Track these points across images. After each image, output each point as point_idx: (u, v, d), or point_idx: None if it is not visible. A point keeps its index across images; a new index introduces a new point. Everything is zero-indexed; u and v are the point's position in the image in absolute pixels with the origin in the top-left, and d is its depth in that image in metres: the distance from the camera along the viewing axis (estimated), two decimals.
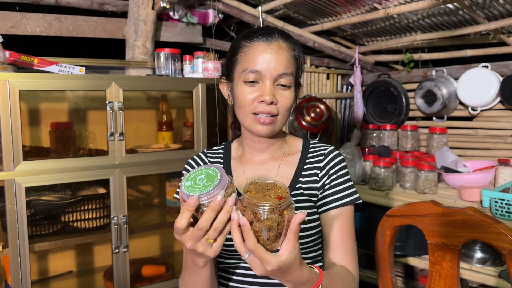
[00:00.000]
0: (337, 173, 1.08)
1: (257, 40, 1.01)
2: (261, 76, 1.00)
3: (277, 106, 1.01)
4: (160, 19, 2.20)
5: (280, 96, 1.01)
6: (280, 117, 1.02)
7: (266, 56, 0.99)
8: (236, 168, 1.13)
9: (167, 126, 2.09)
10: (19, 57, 1.65)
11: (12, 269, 1.56)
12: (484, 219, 1.03)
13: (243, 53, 1.02)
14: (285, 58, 1.00)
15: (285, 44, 1.02)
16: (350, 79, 2.78)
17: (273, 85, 1.00)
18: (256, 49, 1.00)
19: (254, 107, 1.00)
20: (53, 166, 1.62)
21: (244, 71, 1.00)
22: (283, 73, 0.99)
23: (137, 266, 1.98)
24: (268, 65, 0.99)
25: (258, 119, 1.01)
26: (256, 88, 1.00)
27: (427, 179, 2.04)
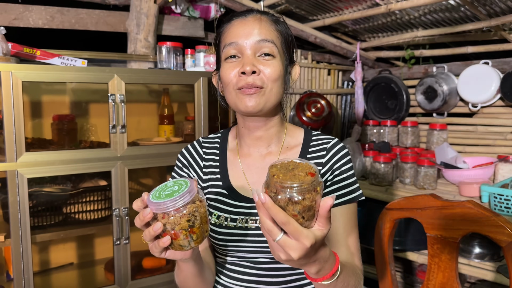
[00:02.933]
0: (341, 169, 1.02)
1: (234, 19, 0.98)
2: (240, 48, 0.95)
3: (261, 77, 0.94)
4: (162, 12, 2.21)
5: (263, 65, 0.94)
6: (267, 90, 0.95)
7: (243, 27, 0.96)
8: (232, 161, 1.08)
9: (169, 120, 2.10)
10: (21, 49, 1.65)
11: (14, 260, 1.57)
12: (483, 212, 1.05)
13: (223, 36, 0.99)
14: (264, 27, 0.96)
15: (263, 16, 0.98)
16: (351, 75, 2.78)
17: (254, 56, 0.95)
18: (232, 25, 0.98)
19: (237, 81, 0.95)
20: (55, 158, 1.63)
21: (224, 48, 0.97)
22: (262, 39, 0.94)
23: (138, 258, 1.99)
24: (246, 35, 0.95)
25: (244, 91, 0.94)
26: (237, 62, 0.96)
27: (427, 175, 2.05)
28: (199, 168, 1.08)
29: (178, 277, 0.97)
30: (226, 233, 0.99)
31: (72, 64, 1.74)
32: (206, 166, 1.08)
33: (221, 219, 1.01)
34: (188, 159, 1.10)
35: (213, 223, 1.01)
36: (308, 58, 2.71)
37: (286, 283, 1.01)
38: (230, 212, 1.01)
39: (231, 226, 0.99)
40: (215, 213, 1.02)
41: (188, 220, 0.72)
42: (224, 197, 1.03)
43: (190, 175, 1.08)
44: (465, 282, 2.09)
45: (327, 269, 0.74)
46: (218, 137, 1.13)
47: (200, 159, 1.10)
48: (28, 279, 1.58)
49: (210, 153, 1.10)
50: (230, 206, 1.01)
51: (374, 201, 2.10)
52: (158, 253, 0.76)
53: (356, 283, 0.88)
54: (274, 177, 0.67)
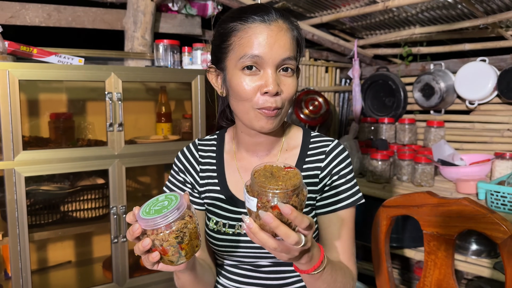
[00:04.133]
0: (340, 173, 0.99)
1: (252, 21, 0.88)
2: (262, 63, 0.87)
3: (282, 97, 0.89)
4: (159, 10, 2.20)
5: (284, 85, 0.89)
6: (283, 110, 0.92)
7: (267, 39, 0.86)
8: (230, 164, 1.04)
9: (166, 118, 2.09)
10: (18, 47, 1.65)
11: (12, 258, 1.57)
12: (479, 209, 1.05)
13: (237, 37, 0.88)
14: (287, 40, 0.88)
15: (284, 24, 0.89)
16: (349, 73, 2.78)
17: (276, 73, 0.88)
18: (253, 31, 0.87)
19: (257, 101, 0.88)
20: (53, 156, 1.63)
21: (241, 58, 0.87)
22: (286, 57, 0.88)
23: (136, 256, 1.99)
24: (270, 49, 0.86)
25: (263, 113, 0.89)
26: (258, 77, 0.88)
27: (424, 172, 2.06)
28: (196, 173, 1.05)
29: (177, 282, 0.96)
30: (224, 239, 0.98)
31: (69, 62, 1.74)
32: (203, 170, 1.05)
33: (219, 225, 0.99)
34: (184, 164, 1.06)
35: (211, 228, 1.00)
36: (305, 56, 2.71)
37: (286, 285, 1.00)
38: (228, 218, 0.98)
39: (229, 232, 0.97)
40: (213, 218, 1.00)
41: (177, 237, 0.71)
42: (222, 202, 1.00)
43: (187, 179, 1.05)
44: (462, 279, 2.10)
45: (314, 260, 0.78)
46: (215, 139, 1.09)
47: (197, 163, 1.06)
48: (26, 277, 1.59)
49: (206, 156, 1.06)
50: (228, 212, 0.99)
51: (372, 198, 2.10)
52: (149, 266, 0.76)
53: (344, 281, 0.90)
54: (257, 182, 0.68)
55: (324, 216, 0.99)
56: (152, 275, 1.87)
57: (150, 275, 1.86)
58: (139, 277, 1.84)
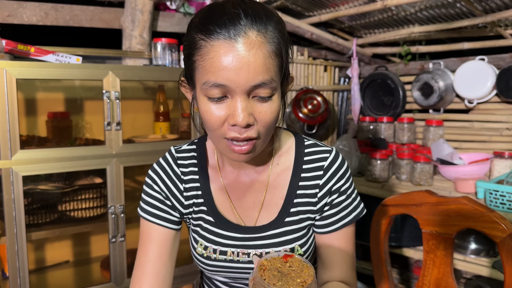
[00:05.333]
0: (340, 190, 0.90)
1: (216, 37, 0.71)
2: (228, 91, 0.73)
3: (256, 128, 0.76)
4: (157, 9, 2.19)
5: (259, 112, 0.75)
6: (261, 141, 0.79)
7: (231, 62, 0.70)
8: (215, 181, 0.92)
9: (164, 117, 2.09)
10: (15, 46, 1.64)
11: (10, 258, 1.56)
12: (478, 208, 1.05)
13: (200, 56, 0.74)
14: (260, 60, 0.72)
15: (258, 37, 0.72)
16: (348, 72, 2.78)
17: (248, 99, 0.74)
18: (216, 52, 0.71)
19: (225, 131, 0.76)
20: (50, 155, 1.62)
21: (204, 84, 0.74)
22: (258, 83, 0.72)
23: (134, 256, 1.97)
24: (236, 76, 0.71)
25: (233, 148, 0.77)
26: (225, 105, 0.75)
27: (423, 171, 2.05)
28: (179, 192, 0.92)
29: None
30: (215, 265, 0.90)
31: (67, 61, 1.73)
32: (187, 189, 0.92)
33: (208, 251, 0.90)
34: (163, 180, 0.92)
35: (199, 253, 0.91)
36: (304, 55, 2.71)
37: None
38: (219, 243, 0.89)
39: (220, 259, 0.89)
40: (201, 242, 0.91)
41: None
42: (211, 225, 0.91)
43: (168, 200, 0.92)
44: (461, 278, 2.09)
45: None
46: (194, 150, 0.95)
47: (179, 181, 0.92)
48: (23, 277, 1.58)
49: (188, 172, 0.93)
50: (218, 237, 0.89)
51: (370, 197, 2.10)
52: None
53: None
54: (265, 280, 0.62)
55: (324, 235, 0.92)
56: None
57: None
58: None
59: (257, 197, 0.91)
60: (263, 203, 0.90)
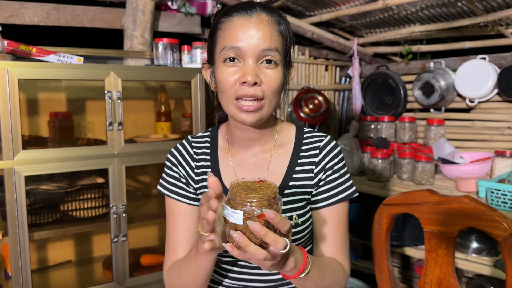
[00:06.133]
0: (333, 168, 1.01)
1: (236, 15, 0.91)
2: (242, 54, 0.89)
3: (262, 88, 0.90)
4: (158, 9, 2.20)
5: (265, 76, 0.90)
6: (266, 101, 0.92)
7: (246, 30, 0.89)
8: (224, 160, 1.05)
9: (166, 117, 2.09)
10: (17, 46, 1.64)
11: (12, 258, 1.57)
12: (479, 207, 1.05)
13: (221, 31, 0.92)
14: (268, 32, 0.90)
15: (267, 17, 0.91)
16: (349, 71, 2.78)
17: (256, 64, 0.90)
18: (234, 24, 0.90)
19: (236, 90, 0.90)
20: (52, 155, 1.62)
21: (223, 50, 0.90)
22: (266, 48, 0.89)
23: (136, 255, 1.99)
24: (249, 41, 0.88)
25: (241, 107, 0.90)
26: (238, 69, 0.90)
27: (424, 170, 2.05)
28: (191, 169, 1.06)
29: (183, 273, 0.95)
30: None
31: (68, 61, 1.74)
32: (198, 167, 1.06)
33: None
34: (179, 160, 1.07)
35: None
36: (305, 54, 2.71)
37: (279, 280, 1.01)
38: None
39: None
40: None
41: None
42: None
43: (181, 174, 1.05)
44: (463, 277, 2.10)
45: (299, 264, 0.80)
46: (208, 136, 1.10)
47: (192, 160, 1.06)
48: (26, 277, 1.58)
49: (200, 153, 1.07)
50: None
51: (372, 196, 2.10)
52: None
53: (334, 277, 0.93)
54: (241, 195, 0.71)
55: (319, 211, 1.02)
56: (152, 274, 1.87)
57: (150, 274, 1.86)
58: (139, 276, 1.84)
59: (261, 174, 1.02)
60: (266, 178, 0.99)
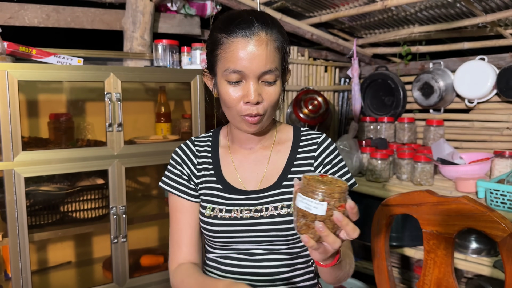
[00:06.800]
0: (332, 162, 1.08)
1: (235, 36, 0.94)
2: (243, 76, 0.95)
3: (263, 105, 0.98)
4: (158, 10, 2.20)
5: (266, 93, 0.97)
6: (266, 115, 1.00)
7: (247, 53, 0.93)
8: (224, 157, 1.12)
9: (165, 118, 2.10)
10: (17, 48, 1.65)
11: (12, 259, 1.57)
12: (478, 207, 1.05)
13: (223, 50, 0.97)
14: (268, 53, 0.94)
15: (266, 36, 0.95)
16: (348, 72, 2.79)
17: (258, 83, 0.96)
18: (236, 46, 0.94)
19: (240, 109, 0.98)
20: (52, 157, 1.63)
21: (225, 71, 0.96)
22: (266, 70, 0.95)
23: (136, 256, 1.99)
24: (250, 64, 0.93)
25: (246, 120, 0.99)
26: (240, 88, 0.97)
27: (424, 171, 2.06)
28: (193, 165, 1.13)
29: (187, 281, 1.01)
30: (221, 224, 1.03)
31: (68, 63, 1.74)
32: (200, 163, 1.12)
33: (216, 211, 1.05)
34: (182, 157, 1.13)
35: (207, 215, 1.05)
36: (304, 55, 2.71)
37: (278, 274, 1.02)
38: (225, 204, 1.05)
39: (225, 217, 1.03)
40: (210, 206, 1.06)
41: None
42: (219, 191, 1.08)
43: (184, 172, 1.12)
44: (462, 277, 2.10)
45: (334, 255, 0.84)
46: (210, 136, 1.18)
47: (194, 156, 1.13)
48: (26, 278, 1.58)
49: (202, 150, 1.14)
50: (225, 199, 1.06)
51: (371, 197, 2.10)
52: None
53: (351, 262, 1.00)
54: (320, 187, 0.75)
55: None
56: (152, 275, 1.87)
57: (150, 275, 1.86)
58: (139, 277, 1.84)
59: (260, 169, 1.09)
60: (265, 173, 1.08)
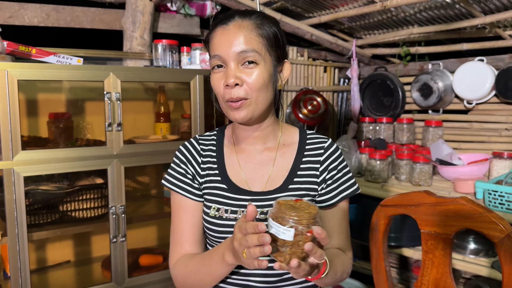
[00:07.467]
0: (337, 168, 1.08)
1: (217, 27, 1.00)
2: (223, 60, 0.97)
3: (245, 88, 0.97)
4: (157, 10, 2.20)
5: (247, 75, 0.96)
6: (252, 99, 0.98)
7: (223, 38, 0.97)
8: (229, 156, 1.10)
9: (165, 118, 2.10)
10: (17, 47, 1.65)
11: (11, 258, 1.57)
12: (476, 208, 1.06)
13: (210, 43, 1.02)
14: (244, 35, 0.96)
15: (244, 22, 0.98)
16: (347, 72, 2.79)
17: (238, 67, 0.97)
18: (215, 35, 0.99)
19: (224, 94, 0.99)
20: (51, 156, 1.63)
21: (210, 59, 1.01)
22: (242, 50, 0.95)
23: (135, 256, 2.00)
24: (227, 47, 0.96)
25: (230, 106, 0.99)
26: (223, 73, 0.99)
27: (422, 172, 2.06)
28: (197, 164, 1.11)
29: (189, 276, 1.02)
30: (225, 225, 1.02)
31: (68, 62, 1.74)
32: (204, 162, 1.11)
33: (221, 212, 1.04)
34: (186, 155, 1.12)
35: (212, 216, 1.04)
36: (304, 55, 2.72)
37: (280, 275, 1.02)
38: (230, 204, 1.04)
39: (231, 218, 1.02)
40: (214, 206, 1.05)
41: None
42: (223, 191, 1.06)
43: (188, 171, 1.10)
44: (460, 278, 2.10)
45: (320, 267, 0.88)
46: (214, 135, 1.16)
47: (198, 155, 1.12)
48: (25, 277, 1.59)
49: (207, 149, 1.12)
50: (230, 199, 1.04)
51: (370, 197, 2.11)
52: None
53: (343, 268, 1.02)
54: (289, 214, 0.79)
55: (326, 209, 1.08)
56: (151, 274, 1.87)
57: (149, 274, 1.87)
58: (138, 277, 1.84)
59: (266, 170, 1.07)
60: (271, 175, 1.07)
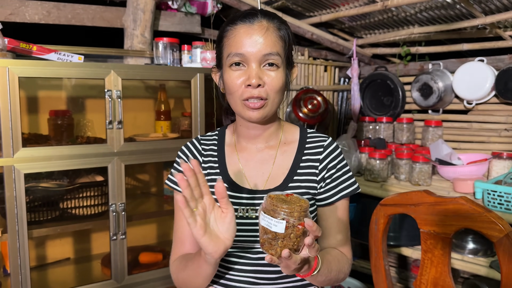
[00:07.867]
0: (337, 166, 1.08)
1: (240, 23, 0.99)
2: (246, 59, 0.98)
3: (265, 89, 0.98)
4: (158, 8, 2.20)
5: (268, 77, 0.98)
6: (270, 100, 1.00)
7: (249, 37, 0.97)
8: (230, 155, 1.11)
9: (165, 116, 2.10)
10: (18, 44, 1.65)
11: (11, 255, 1.57)
12: (475, 208, 1.06)
13: (227, 38, 1.01)
14: (270, 38, 0.98)
15: (268, 23, 0.99)
16: (348, 72, 2.79)
17: (259, 67, 0.98)
18: (238, 32, 0.98)
19: (242, 92, 0.99)
20: (52, 153, 1.63)
21: (229, 56, 0.99)
22: (268, 53, 0.97)
23: (135, 253, 2.00)
24: (252, 47, 0.96)
25: (248, 105, 0.99)
26: (242, 72, 0.98)
27: (422, 171, 2.07)
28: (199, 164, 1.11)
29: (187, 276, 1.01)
30: None
31: (69, 60, 1.74)
32: (205, 162, 1.12)
33: None
34: (187, 155, 1.13)
35: None
36: (304, 55, 2.72)
37: (280, 272, 1.02)
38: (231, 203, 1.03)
39: None
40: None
41: None
42: None
43: None
44: (459, 277, 2.11)
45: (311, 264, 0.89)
46: (216, 134, 1.17)
47: (199, 155, 1.13)
48: (25, 274, 1.59)
49: (208, 149, 1.13)
50: (230, 198, 1.04)
51: (369, 197, 2.11)
52: None
53: (339, 267, 1.02)
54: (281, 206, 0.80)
55: (325, 207, 1.09)
56: (151, 272, 1.88)
57: (148, 272, 1.87)
58: (137, 274, 1.84)
59: (266, 169, 1.08)
60: (271, 173, 1.07)
